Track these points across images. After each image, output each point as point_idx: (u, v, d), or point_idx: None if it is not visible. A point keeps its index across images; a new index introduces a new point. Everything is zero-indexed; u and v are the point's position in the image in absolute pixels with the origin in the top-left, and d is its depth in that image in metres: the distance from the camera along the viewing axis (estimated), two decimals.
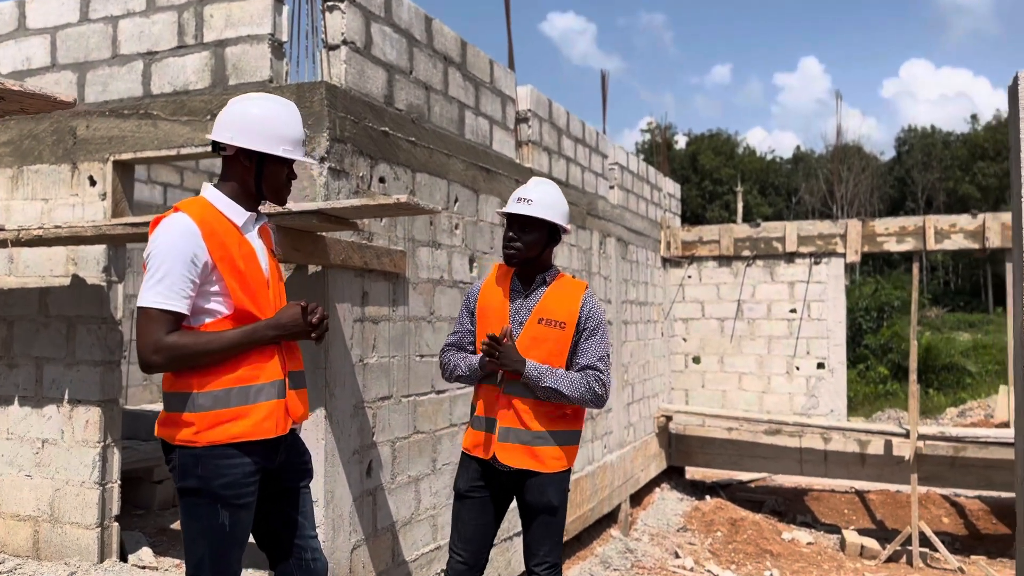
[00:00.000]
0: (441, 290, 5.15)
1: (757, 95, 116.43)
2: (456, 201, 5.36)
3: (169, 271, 2.24)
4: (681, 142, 56.74)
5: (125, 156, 4.49)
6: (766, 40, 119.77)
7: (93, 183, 4.57)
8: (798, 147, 67.48)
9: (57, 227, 3.99)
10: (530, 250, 3.11)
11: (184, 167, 8.96)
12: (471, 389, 5.52)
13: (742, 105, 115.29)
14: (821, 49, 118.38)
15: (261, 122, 2.39)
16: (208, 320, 2.33)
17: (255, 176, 2.44)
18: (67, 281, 4.57)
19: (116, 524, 4.53)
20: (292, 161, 2.50)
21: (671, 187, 11.86)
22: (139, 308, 2.27)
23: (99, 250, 4.51)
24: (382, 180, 4.55)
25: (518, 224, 3.10)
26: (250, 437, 2.33)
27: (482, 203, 5.69)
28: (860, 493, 11.32)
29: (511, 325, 3.11)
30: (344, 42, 4.29)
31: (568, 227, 3.21)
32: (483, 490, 3.14)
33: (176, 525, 5.41)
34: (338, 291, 4.14)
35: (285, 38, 4.30)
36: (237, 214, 2.43)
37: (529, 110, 6.65)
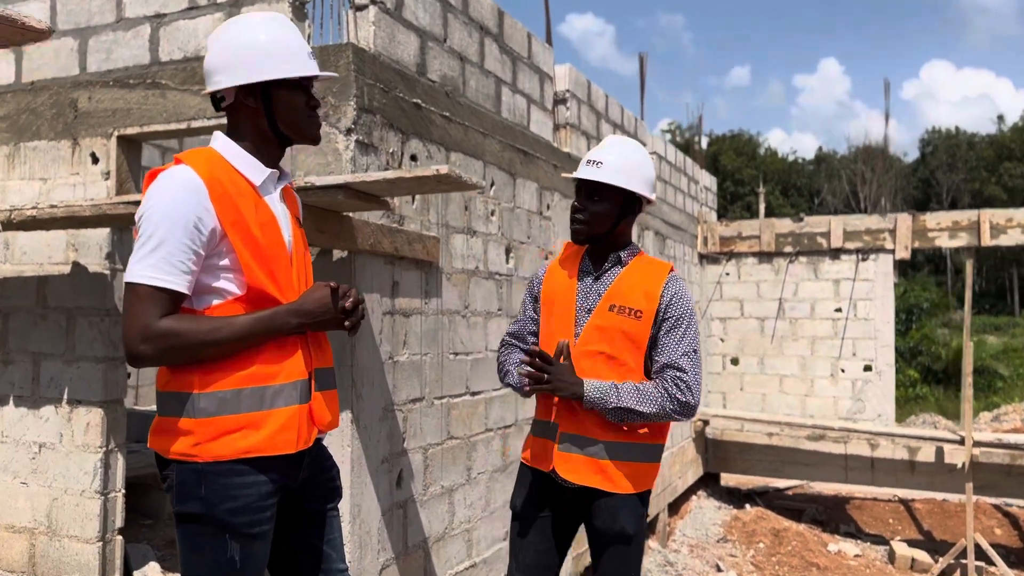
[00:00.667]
0: (476, 282, 4.68)
1: (776, 96, 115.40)
2: (492, 184, 4.89)
3: (166, 238, 1.76)
4: (703, 143, 56.20)
5: (130, 131, 4.06)
6: (785, 42, 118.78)
7: (95, 160, 4.14)
8: (820, 148, 66.72)
9: (52, 206, 3.55)
10: (599, 224, 2.55)
11: (189, 144, 8.54)
12: (508, 391, 5.06)
13: (761, 106, 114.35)
14: (840, 50, 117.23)
15: (250, 46, 1.90)
16: (216, 302, 1.85)
17: (266, 115, 1.94)
18: (67, 269, 4.14)
19: (119, 538, 4.10)
20: (309, 84, 1.98)
21: (707, 180, 11.34)
22: (127, 284, 1.79)
23: (102, 235, 4.07)
24: (413, 158, 4.09)
25: (586, 191, 2.56)
26: (265, 452, 1.86)
27: (519, 188, 5.22)
28: (905, 502, 10.76)
29: (576, 310, 2.59)
30: (373, 1, 3.83)
31: (652, 196, 2.64)
32: (544, 510, 2.61)
33: None
34: (366, 280, 3.69)
35: None
36: (254, 170, 1.93)
37: (567, 90, 6.17)
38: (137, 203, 3.34)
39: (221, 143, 1.95)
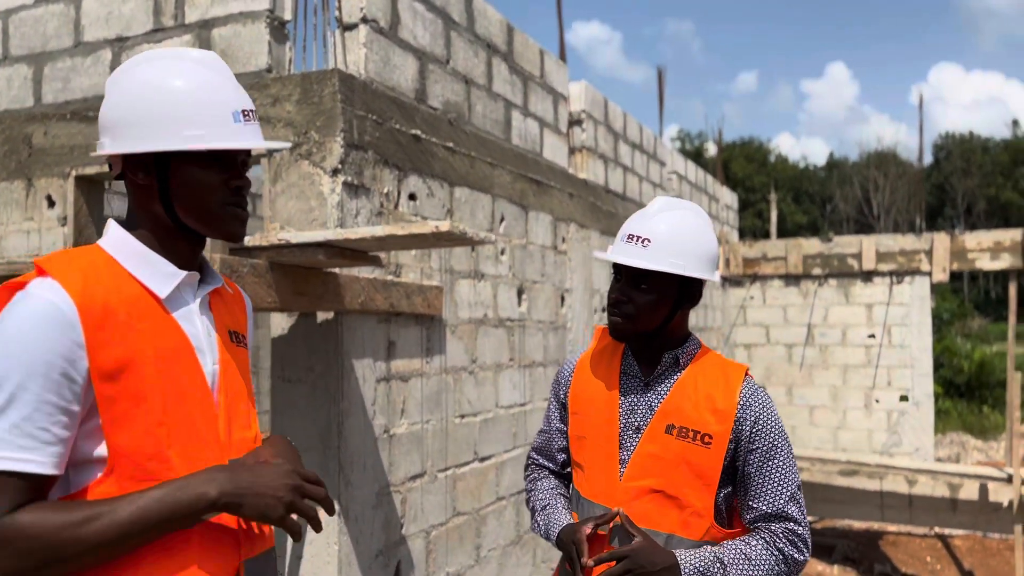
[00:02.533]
0: (484, 331, 4.14)
1: (784, 102, 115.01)
2: (503, 220, 4.36)
3: (16, 395, 1.17)
4: (712, 150, 55.61)
5: (90, 170, 3.54)
6: (792, 47, 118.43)
7: (52, 204, 3.64)
8: (831, 154, 66.11)
9: (11, 263, 3.06)
10: (648, 319, 1.91)
11: None
12: (521, 451, 4.52)
13: (769, 112, 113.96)
14: (848, 55, 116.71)
15: (143, 100, 1.33)
16: (97, 476, 1.24)
17: (159, 197, 1.35)
18: None
19: None
20: (232, 158, 1.38)
21: (728, 198, 10.78)
22: None
23: None
24: (412, 197, 3.56)
25: (630, 277, 1.91)
26: None
27: (531, 222, 4.69)
28: (943, 538, 10.14)
29: (620, 429, 1.93)
30: (364, 20, 3.32)
31: (716, 277, 1.97)
32: None
33: None
34: (356, 344, 3.16)
35: (288, 16, 3.33)
36: (159, 276, 1.35)
37: (583, 111, 5.64)
38: None
39: (113, 239, 1.36)
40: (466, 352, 3.96)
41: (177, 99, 1.33)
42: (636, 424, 1.92)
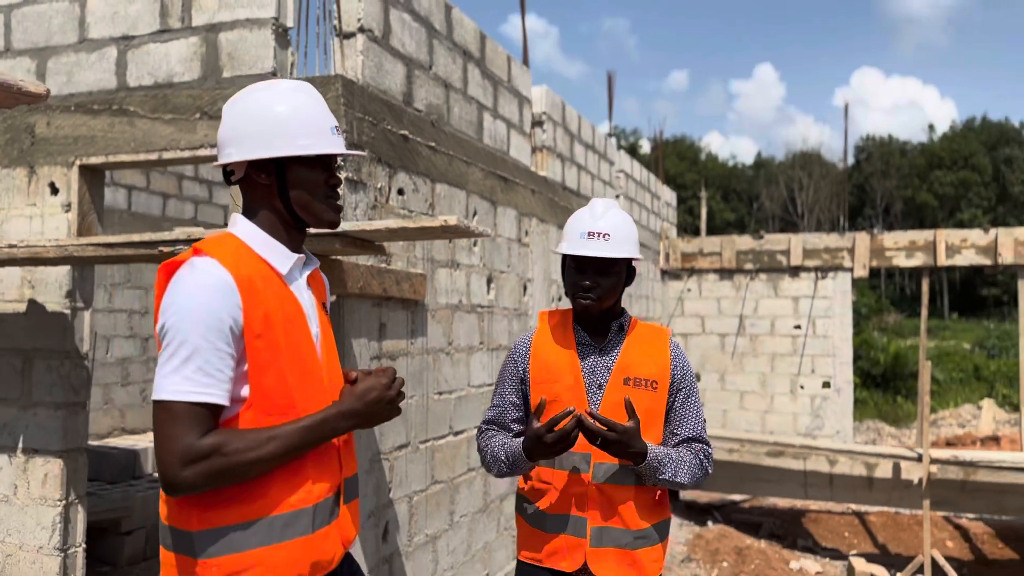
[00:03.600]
0: (460, 316, 4.50)
1: (714, 101, 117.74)
2: (475, 215, 4.72)
3: (199, 345, 1.53)
4: (646, 147, 56.78)
5: (94, 160, 3.77)
6: (723, 47, 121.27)
7: (55, 191, 3.85)
8: (759, 153, 68.13)
9: (11, 246, 3.27)
10: (610, 298, 2.41)
11: (151, 168, 8.17)
12: None
13: (699, 111, 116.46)
14: (776, 56, 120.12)
15: (265, 117, 1.69)
16: (238, 411, 1.61)
17: (280, 195, 1.72)
18: (22, 307, 3.83)
19: None
20: (331, 161, 1.76)
21: (668, 195, 11.34)
22: (156, 403, 1.55)
23: (62, 271, 3.78)
24: (401, 192, 3.90)
25: (595, 267, 2.38)
26: None
27: (500, 216, 5.06)
28: (859, 514, 10.91)
29: (586, 387, 2.38)
30: (361, 29, 3.63)
31: (640, 257, 2.52)
32: None
33: None
34: (354, 325, 3.49)
35: (291, 23, 3.62)
36: (280, 257, 1.72)
37: (544, 113, 6.03)
38: (108, 245, 3.10)
39: (243, 228, 1.73)
40: (444, 335, 4.32)
41: (291, 117, 1.70)
42: (598, 382, 2.40)
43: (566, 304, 6.27)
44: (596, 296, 2.38)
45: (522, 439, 2.31)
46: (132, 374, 7.98)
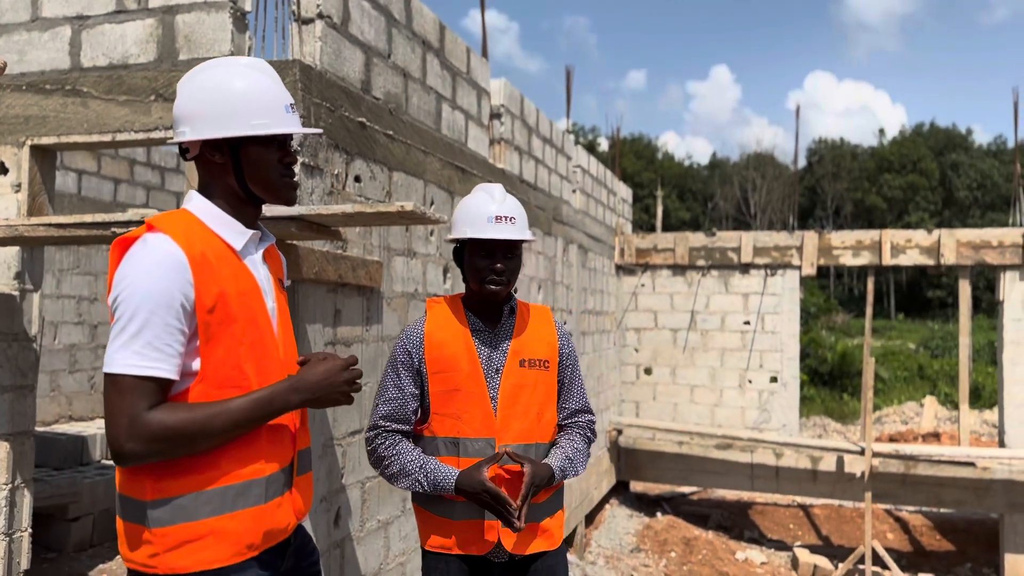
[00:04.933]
0: (415, 304, 4.54)
1: (671, 101, 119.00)
2: (432, 204, 4.75)
3: (149, 320, 1.55)
4: (603, 144, 57.17)
5: (46, 140, 3.72)
6: (680, 47, 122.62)
7: (4, 171, 3.79)
8: (714, 154, 69.00)
9: None
10: (515, 280, 2.47)
11: (103, 152, 8.03)
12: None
13: (657, 110, 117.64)
14: (731, 58, 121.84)
15: (218, 96, 1.70)
16: (189, 385, 1.63)
17: (235, 173, 1.74)
18: None
19: None
20: (284, 140, 1.77)
21: (624, 192, 11.47)
22: (107, 376, 1.58)
23: (10, 252, 3.73)
24: (357, 179, 3.92)
25: (503, 250, 2.41)
26: (232, 562, 1.64)
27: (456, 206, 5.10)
28: (804, 507, 11.19)
29: (484, 373, 2.42)
30: (320, 15, 3.64)
31: (534, 239, 2.66)
32: None
33: (95, 573, 4.64)
34: (309, 310, 3.50)
35: (249, 7, 3.62)
36: (234, 233, 1.74)
37: (502, 105, 6.08)
38: (59, 226, 3.08)
39: (197, 204, 1.75)
40: (399, 322, 4.35)
41: (245, 96, 1.72)
42: (496, 367, 2.45)
43: (524, 292, 6.33)
44: (506, 280, 2.42)
45: (455, 475, 2.29)
46: (80, 361, 7.84)
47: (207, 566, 1.61)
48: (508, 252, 2.43)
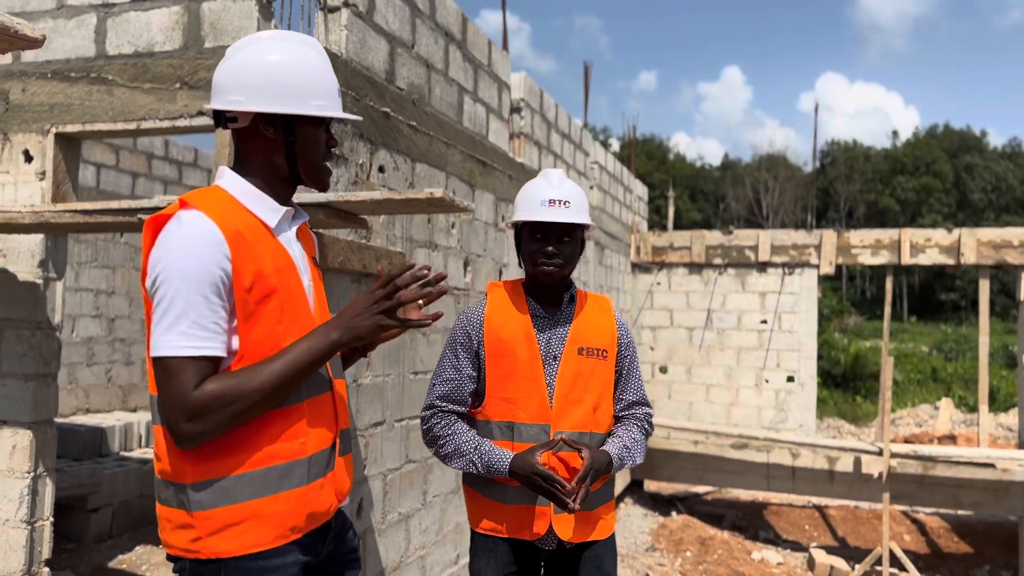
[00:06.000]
0: None
1: (682, 102, 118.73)
2: (454, 196, 4.72)
3: (192, 301, 1.52)
4: (615, 145, 57.12)
5: (70, 128, 3.72)
6: (691, 49, 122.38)
7: (29, 159, 3.79)
8: (726, 155, 68.82)
9: None
10: (571, 265, 2.43)
11: (121, 146, 8.04)
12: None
13: (668, 111, 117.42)
14: (743, 60, 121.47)
15: (283, 72, 1.66)
16: (230, 364, 1.60)
17: (285, 151, 1.70)
18: None
19: (47, 569, 3.77)
20: (328, 124, 1.76)
21: (640, 189, 11.42)
22: (155, 360, 1.54)
23: (34, 240, 3.73)
24: (381, 169, 3.90)
25: (557, 234, 2.39)
26: (275, 545, 1.61)
27: (477, 199, 5.08)
28: (820, 508, 11.11)
29: (542, 358, 2.39)
30: (346, 3, 3.62)
31: (593, 224, 2.57)
32: None
33: (115, 564, 4.64)
34: (333, 299, 3.47)
35: None
36: (268, 210, 1.70)
37: (522, 99, 6.05)
38: (85, 212, 3.06)
39: (229, 180, 1.71)
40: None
41: (312, 75, 1.69)
42: (554, 353, 2.42)
43: None
44: (559, 263, 2.39)
45: (511, 458, 2.27)
46: (97, 354, 7.86)
47: (249, 549, 1.58)
48: (562, 236, 2.39)
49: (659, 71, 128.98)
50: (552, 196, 2.40)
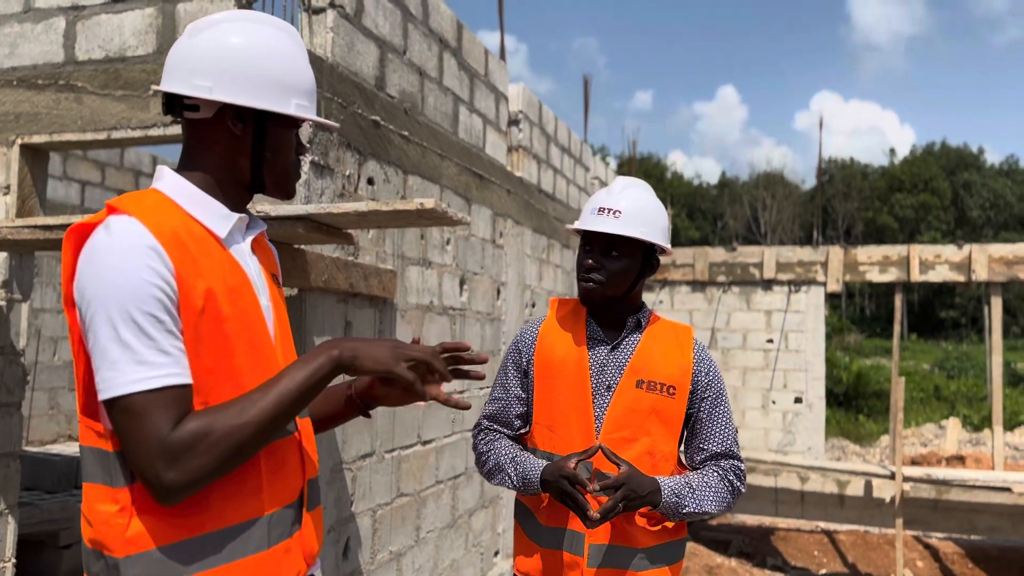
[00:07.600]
0: (431, 318, 4.24)
1: (678, 121, 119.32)
2: None
3: (137, 321, 1.22)
4: (612, 164, 57.00)
5: (37, 139, 3.46)
6: (686, 68, 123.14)
7: None
8: (723, 173, 68.90)
9: None
10: (618, 284, 2.09)
11: (107, 162, 7.79)
12: (459, 436, 4.63)
13: (664, 130, 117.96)
14: (738, 79, 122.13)
15: (264, 60, 1.38)
16: None
17: (251, 152, 1.41)
18: None
19: None
20: (298, 126, 1.49)
21: None
22: (110, 402, 1.23)
23: None
24: (371, 182, 3.64)
25: (602, 246, 2.08)
26: None
27: (474, 215, 4.82)
28: (829, 533, 10.79)
29: (592, 387, 2.08)
30: (331, 5, 3.38)
31: (669, 248, 2.21)
32: None
33: None
34: (317, 321, 3.21)
35: None
36: (216, 218, 1.40)
37: (520, 111, 5.82)
38: (46, 227, 2.80)
39: (170, 182, 1.40)
40: (413, 336, 4.05)
41: (295, 70, 1.42)
42: (607, 383, 2.10)
43: (542, 310, 6.04)
44: (599, 279, 2.08)
45: (542, 467, 2.02)
46: None
47: None
48: (609, 249, 2.08)
49: (655, 91, 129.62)
50: (604, 204, 2.11)
